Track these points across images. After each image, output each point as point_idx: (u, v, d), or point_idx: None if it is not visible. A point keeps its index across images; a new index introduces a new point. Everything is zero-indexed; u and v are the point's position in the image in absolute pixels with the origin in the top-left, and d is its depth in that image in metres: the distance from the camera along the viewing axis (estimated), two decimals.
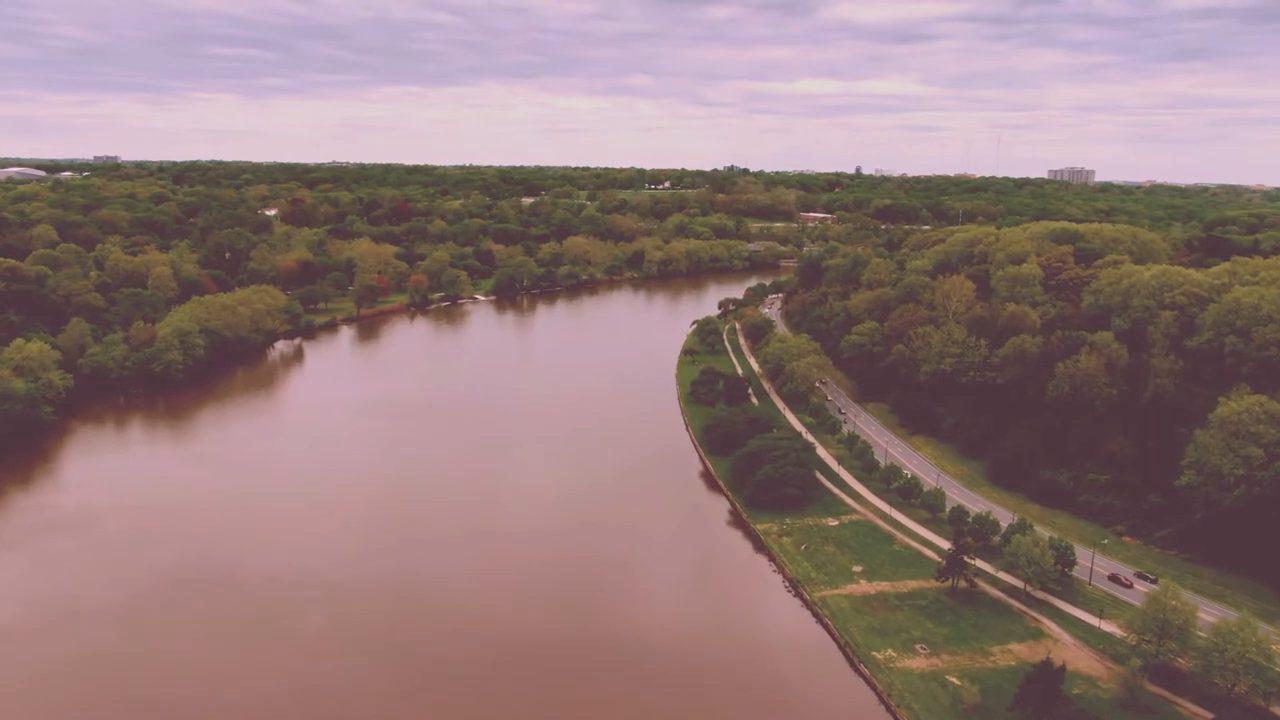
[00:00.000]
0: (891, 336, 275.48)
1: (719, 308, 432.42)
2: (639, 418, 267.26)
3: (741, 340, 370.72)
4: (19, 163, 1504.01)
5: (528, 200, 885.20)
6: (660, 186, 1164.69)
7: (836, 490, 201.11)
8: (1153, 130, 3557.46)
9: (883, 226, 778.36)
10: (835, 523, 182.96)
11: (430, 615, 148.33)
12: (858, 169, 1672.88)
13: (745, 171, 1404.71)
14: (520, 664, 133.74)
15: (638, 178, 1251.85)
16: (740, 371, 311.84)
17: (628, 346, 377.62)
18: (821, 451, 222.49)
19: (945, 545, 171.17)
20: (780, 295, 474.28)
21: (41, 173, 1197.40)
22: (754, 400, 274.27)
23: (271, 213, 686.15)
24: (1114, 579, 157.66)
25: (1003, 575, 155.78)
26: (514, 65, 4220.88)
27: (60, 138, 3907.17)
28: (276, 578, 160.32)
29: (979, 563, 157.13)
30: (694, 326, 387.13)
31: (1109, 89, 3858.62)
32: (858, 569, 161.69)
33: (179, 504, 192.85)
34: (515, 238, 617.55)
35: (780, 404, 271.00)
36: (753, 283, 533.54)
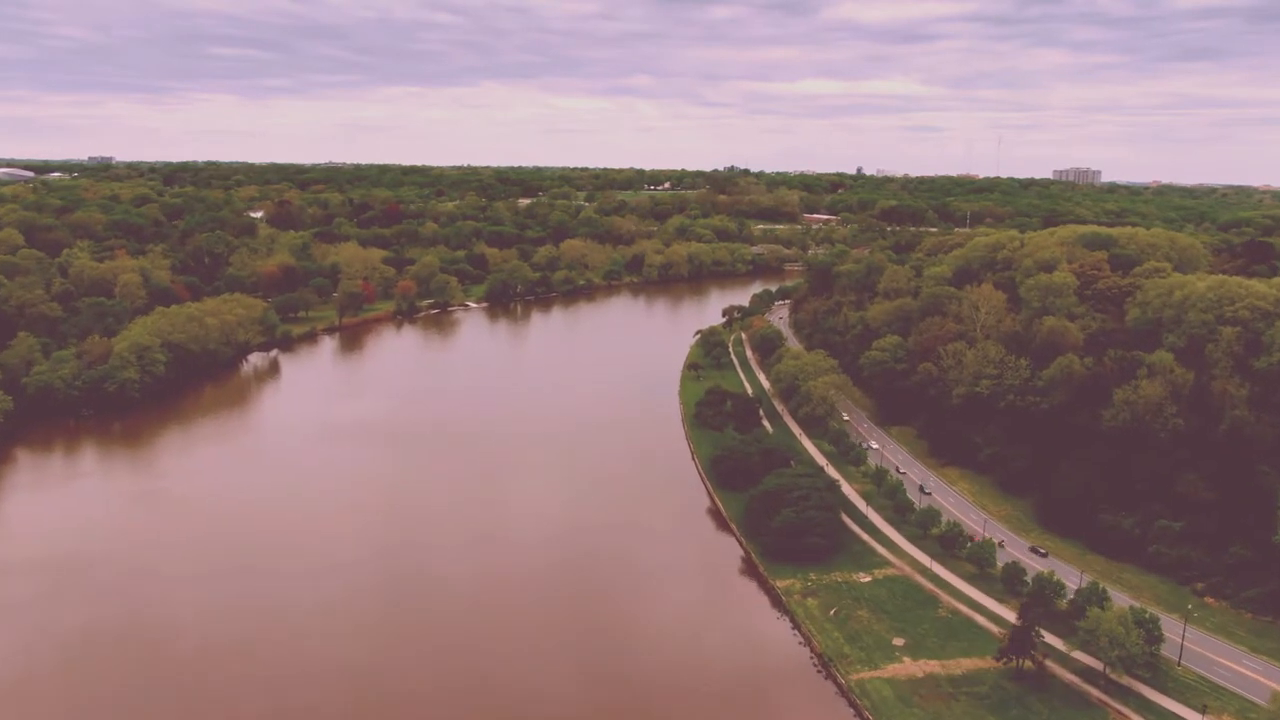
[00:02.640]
0: (917, 353, 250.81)
1: (723, 315, 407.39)
2: (639, 442, 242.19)
3: (749, 352, 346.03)
4: (10, 163, 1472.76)
5: (524, 201, 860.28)
6: (660, 187, 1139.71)
7: (865, 536, 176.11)
8: (1154, 130, 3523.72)
9: (888, 228, 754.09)
10: (867, 579, 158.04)
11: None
12: (859, 169, 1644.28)
13: (746, 172, 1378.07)
14: None
15: (637, 178, 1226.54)
16: (749, 390, 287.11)
17: (627, 359, 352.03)
18: (845, 487, 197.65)
19: (998, 608, 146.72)
20: (787, 302, 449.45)
21: (30, 174, 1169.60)
22: (766, 425, 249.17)
23: (258, 215, 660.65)
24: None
25: (1077, 654, 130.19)
26: (515, 65, 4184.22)
27: (59, 139, 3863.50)
28: (212, 647, 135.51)
29: (1046, 635, 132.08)
30: (697, 337, 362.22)
31: (1111, 89, 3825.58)
32: (899, 642, 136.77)
33: (109, 552, 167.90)
34: (510, 240, 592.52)
35: (795, 428, 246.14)
36: (757, 288, 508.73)
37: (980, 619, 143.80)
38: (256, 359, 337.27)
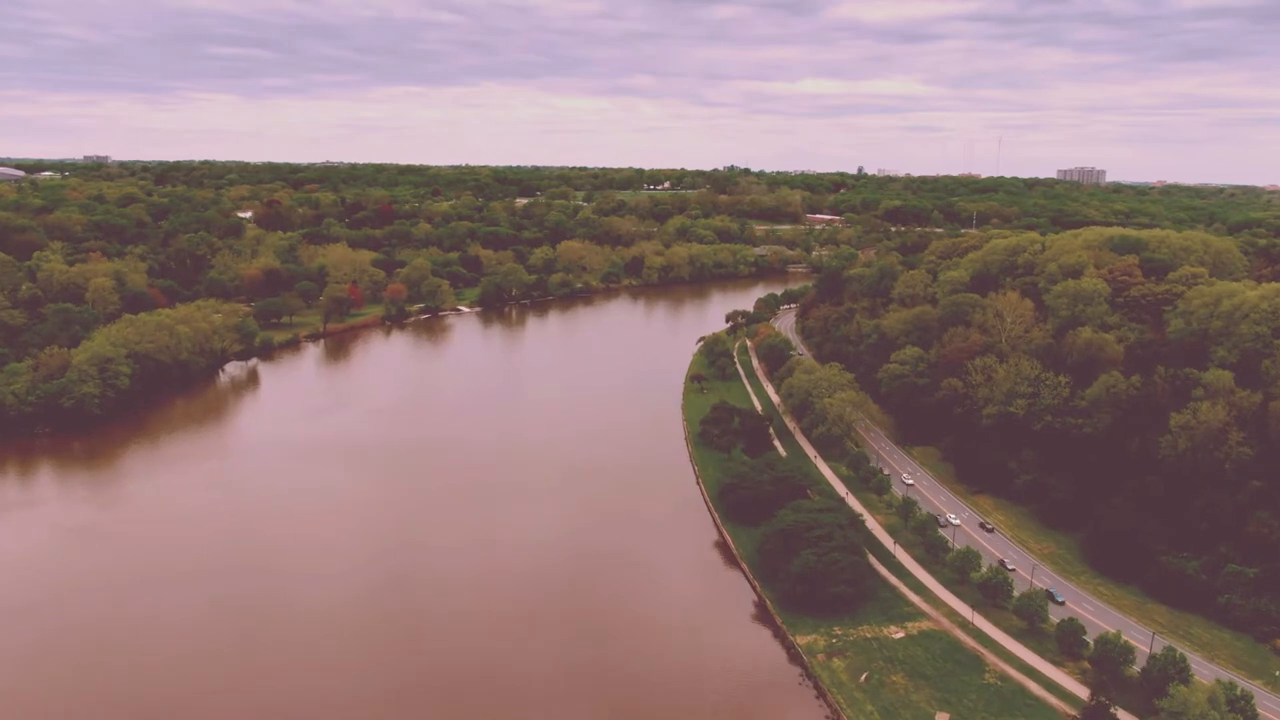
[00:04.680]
0: (940, 367, 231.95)
1: (727, 321, 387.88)
2: (639, 463, 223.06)
3: (755, 362, 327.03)
4: (3, 162, 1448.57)
5: (521, 202, 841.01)
6: (660, 187, 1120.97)
7: (894, 579, 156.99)
8: (1155, 130, 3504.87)
9: (893, 229, 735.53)
10: (900, 634, 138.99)
11: None
12: (860, 169, 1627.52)
13: (746, 172, 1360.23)
14: None
15: (636, 178, 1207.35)
16: (758, 405, 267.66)
17: (626, 368, 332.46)
18: (868, 520, 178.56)
19: (1053, 673, 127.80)
20: (794, 306, 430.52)
21: (20, 173, 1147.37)
22: (778, 446, 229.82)
23: (246, 215, 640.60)
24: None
25: None
26: (516, 65, 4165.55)
27: (57, 138, 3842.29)
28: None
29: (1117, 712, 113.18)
30: (700, 345, 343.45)
31: (1113, 89, 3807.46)
32: (944, 718, 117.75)
33: (42, 596, 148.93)
34: (506, 242, 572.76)
35: (809, 449, 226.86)
36: (761, 290, 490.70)
37: (1034, 686, 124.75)
38: (234, 369, 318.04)
